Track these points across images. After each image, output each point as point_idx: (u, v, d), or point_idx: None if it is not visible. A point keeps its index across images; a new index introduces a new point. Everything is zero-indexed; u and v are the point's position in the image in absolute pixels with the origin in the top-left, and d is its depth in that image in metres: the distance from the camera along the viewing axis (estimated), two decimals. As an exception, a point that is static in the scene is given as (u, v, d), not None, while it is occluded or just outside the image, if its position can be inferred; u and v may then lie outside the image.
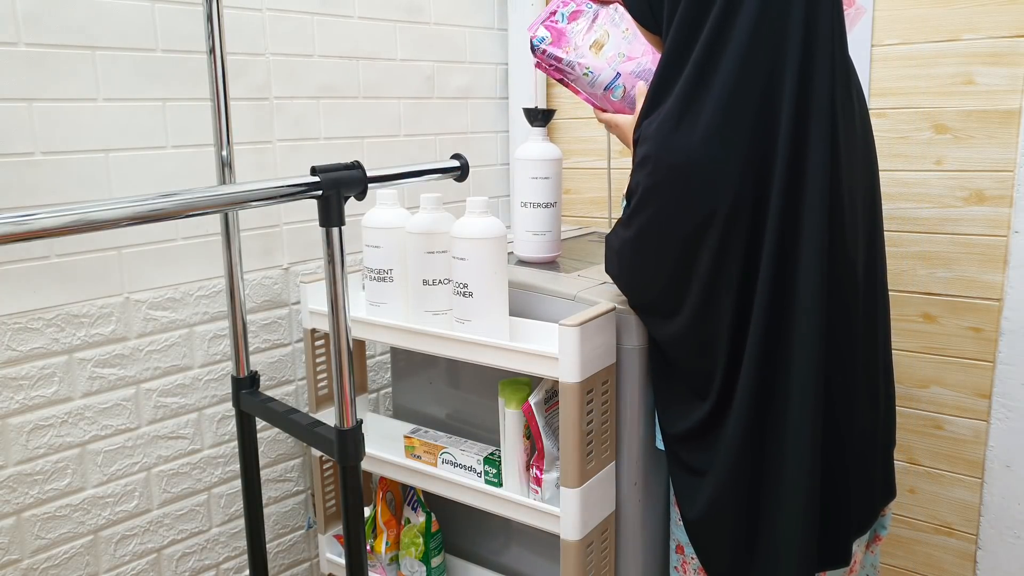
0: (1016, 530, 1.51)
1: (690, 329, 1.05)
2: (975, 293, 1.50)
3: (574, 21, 1.25)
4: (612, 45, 1.24)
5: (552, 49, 1.25)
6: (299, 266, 1.57)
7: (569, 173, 2.01)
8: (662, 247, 1.04)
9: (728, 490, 1.05)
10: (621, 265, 1.13)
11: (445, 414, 1.46)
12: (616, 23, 1.26)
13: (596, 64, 1.24)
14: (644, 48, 1.23)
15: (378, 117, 1.69)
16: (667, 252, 1.03)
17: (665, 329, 1.10)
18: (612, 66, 1.24)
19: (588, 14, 1.26)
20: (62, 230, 0.82)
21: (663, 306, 1.09)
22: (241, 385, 1.33)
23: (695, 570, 1.19)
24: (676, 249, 1.02)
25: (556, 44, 1.25)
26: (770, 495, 1.03)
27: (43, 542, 1.26)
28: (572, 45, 1.25)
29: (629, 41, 1.25)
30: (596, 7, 1.26)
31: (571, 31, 1.25)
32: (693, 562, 1.19)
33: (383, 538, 1.45)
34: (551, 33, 1.25)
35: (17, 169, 1.18)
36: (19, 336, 1.20)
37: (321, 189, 1.02)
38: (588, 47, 1.25)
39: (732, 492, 1.05)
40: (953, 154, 1.49)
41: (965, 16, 1.44)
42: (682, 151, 0.97)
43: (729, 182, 0.96)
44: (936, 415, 1.58)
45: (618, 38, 1.25)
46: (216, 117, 1.25)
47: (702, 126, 0.95)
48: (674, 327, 1.08)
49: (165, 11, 1.32)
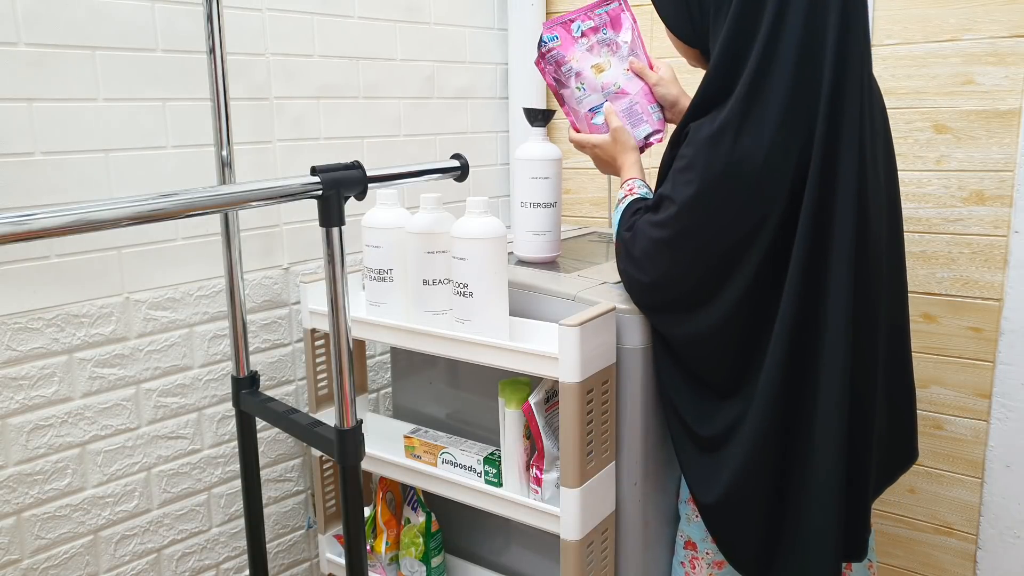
0: (1016, 530, 1.51)
1: (725, 323, 1.06)
2: (975, 293, 1.50)
3: (586, 37, 1.27)
4: (611, 74, 1.27)
5: (558, 51, 1.26)
6: (299, 266, 1.57)
7: (569, 173, 2.01)
8: (706, 248, 1.05)
9: (752, 473, 1.06)
10: (645, 263, 1.11)
11: (445, 414, 1.46)
12: (623, 58, 1.28)
13: (591, 83, 1.26)
14: (640, 91, 1.27)
15: (378, 117, 1.69)
16: (712, 251, 1.04)
17: (686, 327, 1.10)
18: (604, 93, 1.27)
19: (602, 38, 1.28)
20: (62, 230, 0.82)
21: (688, 301, 1.09)
22: (241, 385, 1.33)
23: (709, 565, 1.19)
24: (724, 248, 1.04)
25: (563, 49, 1.26)
26: (798, 482, 1.05)
27: (43, 542, 1.26)
28: (575, 58, 1.26)
29: (629, 79, 1.27)
30: (612, 34, 1.28)
31: (580, 45, 1.27)
32: (707, 557, 1.19)
33: (383, 538, 1.45)
34: (562, 38, 1.26)
35: (17, 169, 1.18)
36: (19, 336, 1.20)
37: (321, 189, 1.02)
38: (590, 66, 1.27)
39: (756, 476, 1.06)
40: (953, 154, 1.49)
41: (965, 16, 1.44)
42: (746, 157, 0.99)
43: (786, 186, 1.00)
44: (936, 415, 1.58)
45: (619, 71, 1.27)
46: (216, 117, 1.25)
47: (767, 134, 0.99)
48: (700, 323, 1.08)
49: (165, 11, 1.32)
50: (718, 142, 1.00)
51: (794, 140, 0.99)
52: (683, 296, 1.09)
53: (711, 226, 1.03)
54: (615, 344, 1.16)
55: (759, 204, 1.01)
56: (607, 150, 1.26)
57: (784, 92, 0.98)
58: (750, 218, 1.02)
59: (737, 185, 1.00)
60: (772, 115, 0.98)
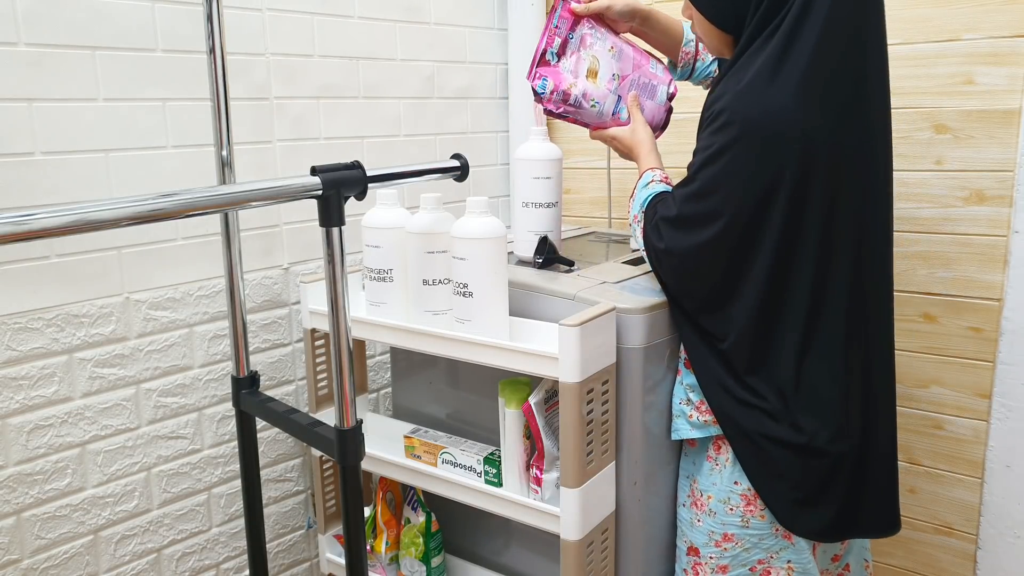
0: (1016, 530, 1.51)
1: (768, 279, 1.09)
2: (975, 293, 1.50)
3: (564, 57, 1.28)
4: (604, 68, 1.28)
5: (557, 92, 1.27)
6: (299, 266, 1.57)
7: (569, 173, 2.01)
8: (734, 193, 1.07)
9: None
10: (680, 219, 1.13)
11: (445, 414, 1.46)
12: (601, 40, 1.28)
13: (599, 93, 1.28)
14: (632, 62, 1.30)
15: (378, 117, 1.69)
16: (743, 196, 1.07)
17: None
18: (612, 91, 1.28)
19: (573, 43, 1.28)
20: (62, 230, 0.82)
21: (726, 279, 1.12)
22: (241, 385, 1.33)
23: (712, 570, 1.19)
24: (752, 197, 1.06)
25: (557, 83, 1.26)
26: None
27: (43, 542, 1.26)
28: (572, 83, 1.27)
29: (617, 59, 1.29)
30: (578, 31, 1.28)
31: (564, 67, 1.27)
32: (711, 562, 1.19)
33: (383, 538, 1.45)
34: (550, 76, 1.26)
35: (17, 169, 1.18)
36: (19, 336, 1.20)
37: (321, 189, 1.02)
38: (585, 77, 1.28)
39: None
40: (953, 154, 1.49)
41: (965, 16, 1.44)
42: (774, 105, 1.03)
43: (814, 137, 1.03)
44: (936, 415, 1.58)
45: (607, 59, 1.28)
46: (216, 117, 1.25)
47: (792, 84, 1.02)
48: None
49: (165, 11, 1.32)
50: (753, 92, 1.04)
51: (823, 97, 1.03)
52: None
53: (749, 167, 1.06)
54: (615, 344, 1.16)
55: (785, 153, 1.03)
56: (624, 141, 1.30)
57: (808, 56, 1.02)
58: (776, 168, 1.04)
59: (763, 131, 1.03)
60: (797, 72, 1.02)
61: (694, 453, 1.23)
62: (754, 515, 1.16)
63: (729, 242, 1.08)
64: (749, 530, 1.16)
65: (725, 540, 1.18)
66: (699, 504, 1.21)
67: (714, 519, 1.18)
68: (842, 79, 1.04)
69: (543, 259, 1.33)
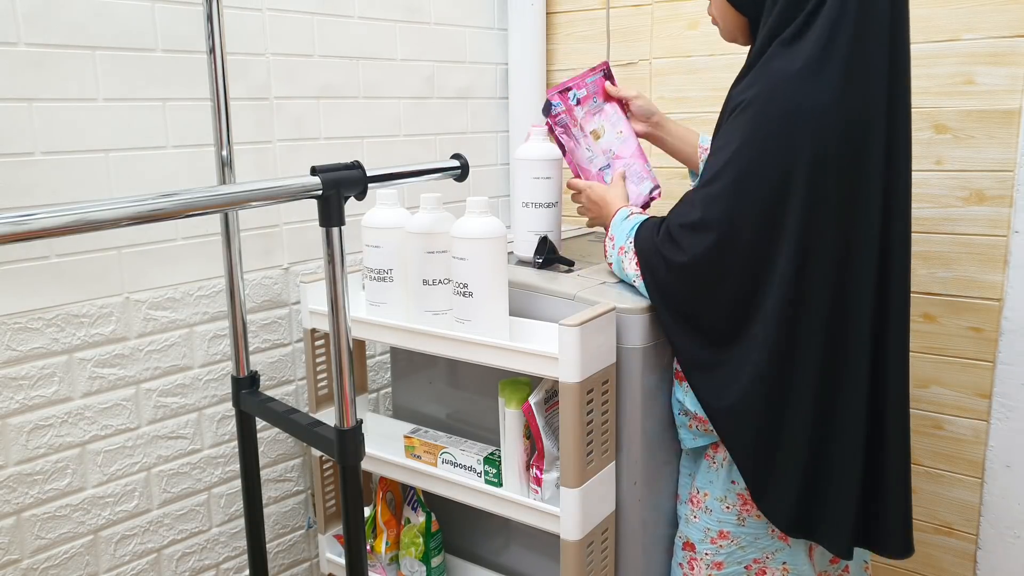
0: (1016, 530, 1.51)
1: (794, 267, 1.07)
2: (975, 293, 1.50)
3: (581, 106, 1.36)
4: (606, 140, 1.38)
5: (564, 116, 1.34)
6: (299, 266, 1.57)
7: (569, 173, 2.01)
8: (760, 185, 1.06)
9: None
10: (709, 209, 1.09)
11: (445, 414, 1.46)
12: (614, 123, 1.38)
13: (595, 147, 1.36)
14: (631, 152, 1.38)
15: (378, 117, 1.69)
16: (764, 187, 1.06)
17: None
18: (606, 156, 1.36)
19: (593, 106, 1.37)
20: (62, 230, 0.82)
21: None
22: (241, 385, 1.33)
23: (707, 566, 1.19)
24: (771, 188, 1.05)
25: (568, 114, 1.35)
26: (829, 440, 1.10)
27: (43, 542, 1.26)
28: (580, 123, 1.35)
29: (622, 142, 1.38)
30: (602, 102, 1.38)
31: (578, 112, 1.36)
32: (706, 558, 1.20)
33: (383, 538, 1.45)
34: (564, 104, 1.35)
35: (17, 169, 1.18)
36: (19, 336, 1.20)
37: (321, 189, 1.02)
38: (590, 131, 1.36)
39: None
40: (953, 154, 1.49)
41: (965, 16, 1.44)
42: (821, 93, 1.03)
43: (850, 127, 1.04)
44: (936, 415, 1.58)
45: (612, 135, 1.38)
46: (216, 117, 1.25)
47: (836, 74, 1.03)
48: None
49: (165, 11, 1.32)
50: (797, 80, 1.04)
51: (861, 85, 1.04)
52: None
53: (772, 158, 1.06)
54: (615, 344, 1.16)
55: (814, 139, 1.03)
56: (597, 191, 1.32)
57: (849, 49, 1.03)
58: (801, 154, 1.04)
59: (800, 119, 1.03)
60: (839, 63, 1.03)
61: (694, 452, 1.24)
62: (750, 514, 1.16)
63: (760, 243, 1.05)
64: (745, 528, 1.17)
65: (721, 537, 1.19)
66: (697, 501, 1.21)
67: (711, 516, 1.19)
68: (879, 73, 1.04)
69: (543, 259, 1.33)
